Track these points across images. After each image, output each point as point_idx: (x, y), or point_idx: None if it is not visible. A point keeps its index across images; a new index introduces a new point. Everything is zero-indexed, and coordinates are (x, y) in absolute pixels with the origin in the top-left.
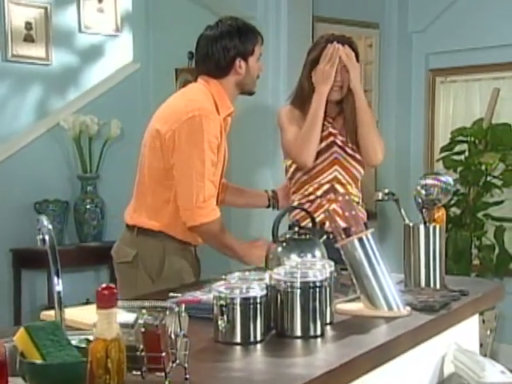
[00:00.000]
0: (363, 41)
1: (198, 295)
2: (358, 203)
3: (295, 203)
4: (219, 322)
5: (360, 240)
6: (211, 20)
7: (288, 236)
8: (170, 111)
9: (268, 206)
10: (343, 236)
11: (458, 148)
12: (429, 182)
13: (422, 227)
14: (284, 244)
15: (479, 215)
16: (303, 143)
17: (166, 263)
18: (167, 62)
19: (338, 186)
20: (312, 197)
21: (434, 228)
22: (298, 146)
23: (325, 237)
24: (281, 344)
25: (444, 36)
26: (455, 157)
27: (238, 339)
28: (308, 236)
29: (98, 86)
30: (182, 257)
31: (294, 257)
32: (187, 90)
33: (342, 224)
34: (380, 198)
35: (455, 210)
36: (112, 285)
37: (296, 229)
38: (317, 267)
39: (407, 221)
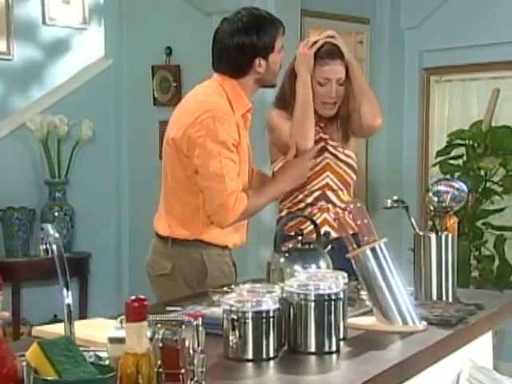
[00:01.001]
0: (353, 37)
1: (200, 309)
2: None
3: (284, 212)
4: (230, 338)
5: (373, 250)
6: (191, 13)
7: (291, 246)
8: (181, 116)
9: None
10: (354, 246)
11: (454, 152)
12: (441, 188)
13: (433, 236)
14: (287, 255)
15: (478, 224)
16: (299, 128)
17: (208, 272)
18: (143, 58)
19: (329, 193)
20: (302, 204)
21: (447, 237)
22: (295, 132)
23: (330, 247)
24: (294, 361)
25: (439, 32)
26: (452, 161)
27: (250, 355)
28: (312, 246)
29: (66, 83)
30: (221, 263)
31: (297, 268)
32: (199, 88)
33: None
34: (389, 205)
35: None
36: (142, 296)
37: (299, 238)
38: (330, 279)
39: (417, 230)
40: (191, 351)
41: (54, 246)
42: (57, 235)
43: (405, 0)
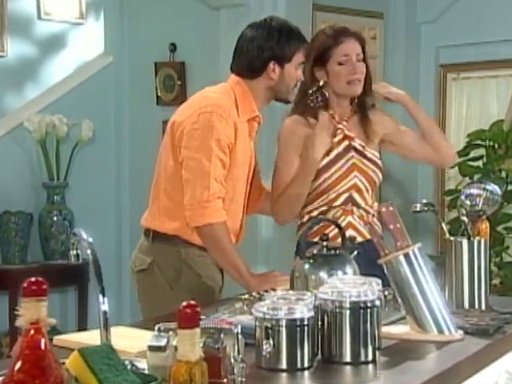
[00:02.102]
0: (366, 32)
1: (226, 317)
2: (373, 215)
3: (305, 218)
4: (264, 347)
5: (406, 256)
6: (197, 7)
7: (315, 251)
8: (184, 108)
9: None
10: (386, 251)
11: (473, 153)
12: (474, 191)
13: (465, 242)
14: (311, 260)
15: (499, 229)
16: (287, 202)
17: (183, 270)
18: (145, 54)
19: (355, 195)
20: (324, 207)
21: (479, 242)
22: (282, 202)
23: (356, 252)
24: (330, 371)
25: (457, 27)
26: (472, 163)
27: (284, 365)
28: (338, 251)
29: (64, 81)
30: (201, 264)
31: (323, 275)
32: (209, 87)
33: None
34: (418, 209)
35: None
36: (194, 302)
37: (324, 243)
38: (365, 285)
39: (448, 235)
40: (232, 360)
41: (89, 251)
42: (90, 240)
43: None
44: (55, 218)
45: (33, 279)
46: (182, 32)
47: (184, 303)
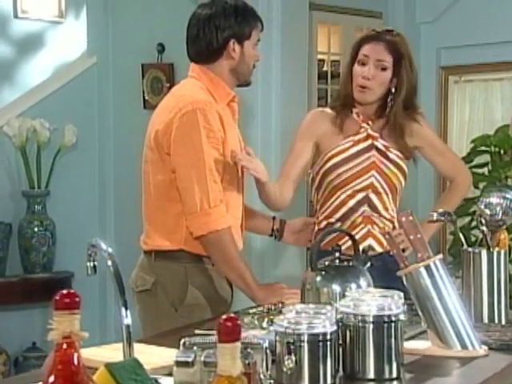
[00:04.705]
0: (365, 33)
1: None
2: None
3: (323, 223)
4: (286, 363)
5: (427, 267)
6: (186, 6)
7: (327, 263)
8: (161, 113)
9: (270, 235)
10: (407, 263)
11: (477, 159)
12: (493, 200)
13: (484, 253)
14: (323, 272)
15: None
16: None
17: (188, 288)
18: (131, 55)
19: (372, 196)
20: (344, 209)
21: (499, 254)
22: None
23: (369, 263)
24: None
25: (458, 28)
26: (476, 170)
27: (306, 382)
28: (351, 263)
29: (44, 84)
30: (208, 278)
31: (335, 287)
32: (177, 87)
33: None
34: (435, 218)
35: (479, 234)
36: (234, 315)
37: (337, 254)
38: (388, 298)
39: (465, 246)
40: (262, 376)
41: (109, 262)
42: (110, 250)
43: None
44: (36, 229)
45: (65, 291)
46: (170, 32)
47: (224, 316)
